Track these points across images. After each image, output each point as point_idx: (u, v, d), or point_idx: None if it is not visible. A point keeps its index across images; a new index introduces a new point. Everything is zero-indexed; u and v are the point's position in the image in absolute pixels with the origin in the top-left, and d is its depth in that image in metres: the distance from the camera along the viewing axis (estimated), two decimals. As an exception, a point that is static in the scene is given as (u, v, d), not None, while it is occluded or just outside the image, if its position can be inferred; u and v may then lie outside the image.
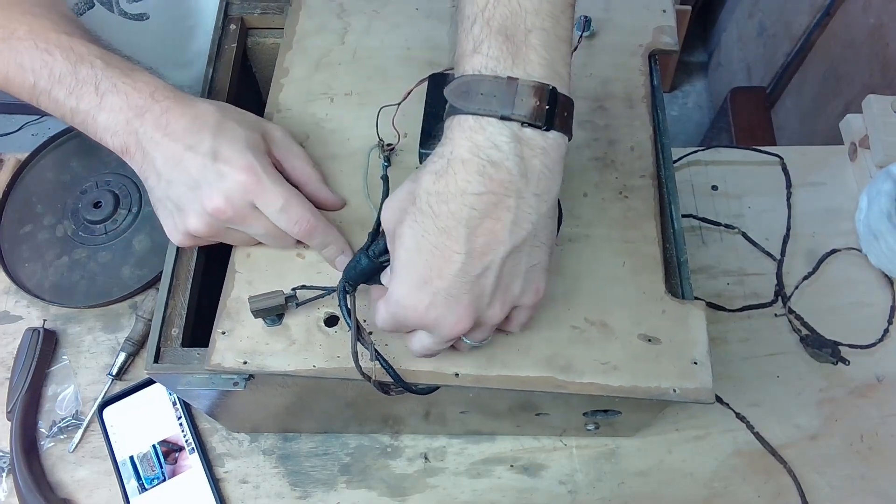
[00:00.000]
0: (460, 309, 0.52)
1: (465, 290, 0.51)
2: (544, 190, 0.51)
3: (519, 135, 0.50)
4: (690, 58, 2.68)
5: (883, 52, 1.52)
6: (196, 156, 0.61)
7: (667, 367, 0.61)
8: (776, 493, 0.86)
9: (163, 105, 0.62)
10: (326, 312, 0.63)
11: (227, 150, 0.61)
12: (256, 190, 0.61)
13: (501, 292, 0.53)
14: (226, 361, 0.62)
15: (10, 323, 0.93)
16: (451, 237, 0.50)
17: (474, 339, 0.56)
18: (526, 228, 0.51)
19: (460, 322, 0.52)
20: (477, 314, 0.53)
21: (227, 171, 0.61)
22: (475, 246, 0.50)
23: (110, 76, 0.63)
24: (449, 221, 0.50)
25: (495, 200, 0.50)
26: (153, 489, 0.84)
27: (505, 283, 0.52)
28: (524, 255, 0.52)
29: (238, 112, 0.66)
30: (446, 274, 0.51)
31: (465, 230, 0.50)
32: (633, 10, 0.81)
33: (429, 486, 0.86)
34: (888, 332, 0.95)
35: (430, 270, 0.51)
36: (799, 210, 1.03)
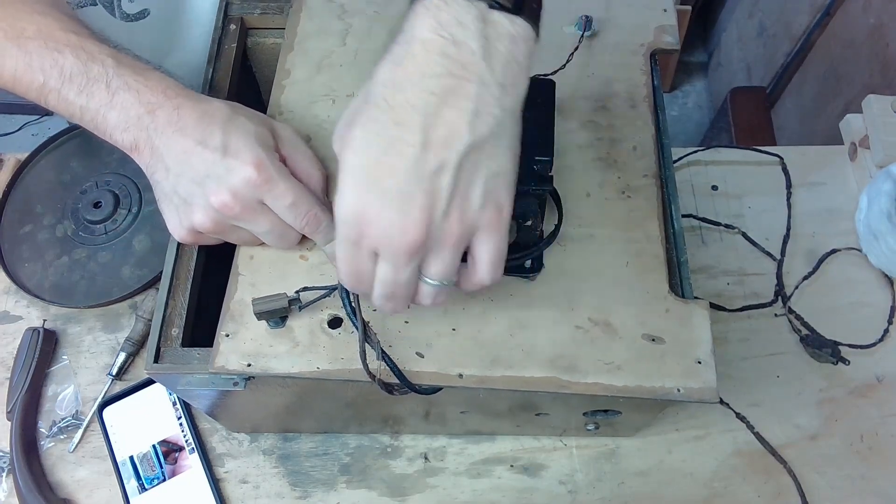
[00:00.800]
0: (413, 211, 0.47)
1: (419, 189, 0.47)
2: (510, 81, 0.48)
3: (486, 16, 0.47)
4: (690, 58, 2.68)
5: (883, 52, 1.52)
6: (205, 150, 0.60)
7: (671, 366, 0.61)
8: (776, 493, 0.86)
9: (175, 102, 0.62)
10: (330, 314, 0.63)
11: (236, 145, 0.61)
12: (266, 185, 0.60)
13: (459, 199, 0.48)
14: (230, 364, 0.61)
15: (10, 323, 0.93)
16: (405, 128, 0.46)
17: (433, 274, 0.51)
18: (488, 122, 0.47)
19: (411, 229, 0.47)
20: (431, 222, 0.48)
21: (237, 165, 0.60)
22: (432, 137, 0.46)
23: (122, 74, 0.63)
24: (404, 111, 0.47)
25: (455, 85, 0.46)
26: (153, 489, 0.84)
27: (463, 187, 0.48)
28: (485, 156, 0.48)
29: (248, 110, 0.66)
30: (398, 170, 0.47)
31: (421, 118, 0.46)
32: (633, 9, 0.81)
33: (429, 486, 0.86)
34: (888, 332, 0.95)
35: (381, 169, 0.47)
36: (799, 210, 1.03)
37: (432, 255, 0.50)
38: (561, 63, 0.74)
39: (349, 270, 0.52)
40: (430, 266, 0.51)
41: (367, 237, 0.49)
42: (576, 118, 0.74)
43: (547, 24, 0.79)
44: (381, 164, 0.47)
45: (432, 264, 0.51)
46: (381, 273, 0.51)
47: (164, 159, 0.62)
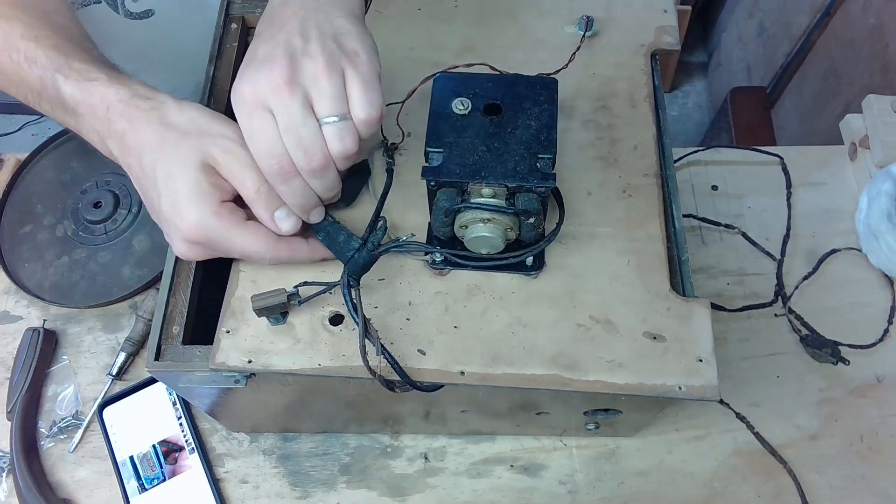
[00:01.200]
0: (276, 58, 0.56)
1: (276, 45, 0.57)
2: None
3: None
4: (690, 58, 2.69)
5: (883, 52, 1.52)
6: (154, 202, 0.62)
7: (672, 364, 0.61)
8: (776, 493, 0.86)
9: (117, 129, 0.62)
10: (331, 311, 0.63)
11: (174, 207, 0.60)
12: (207, 243, 0.62)
13: (315, 42, 0.57)
14: (230, 360, 0.61)
15: (10, 323, 0.93)
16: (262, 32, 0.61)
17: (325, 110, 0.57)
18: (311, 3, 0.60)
19: (278, 64, 0.56)
20: (293, 58, 0.57)
21: (175, 231, 0.61)
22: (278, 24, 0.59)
23: (70, 93, 0.63)
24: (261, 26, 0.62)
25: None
26: (153, 489, 0.84)
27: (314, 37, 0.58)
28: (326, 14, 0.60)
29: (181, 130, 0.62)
30: (259, 49, 0.58)
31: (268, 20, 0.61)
32: (634, 10, 0.82)
33: (429, 486, 0.86)
34: (888, 332, 0.95)
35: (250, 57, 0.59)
36: (799, 210, 1.03)
37: (313, 91, 0.57)
38: (562, 63, 0.74)
39: (257, 142, 0.58)
40: (318, 104, 0.57)
41: (250, 95, 0.57)
42: (577, 118, 0.74)
43: (548, 25, 0.80)
44: (249, 55, 0.59)
45: (318, 100, 0.57)
46: (281, 123, 0.57)
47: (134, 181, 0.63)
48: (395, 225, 0.68)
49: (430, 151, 0.61)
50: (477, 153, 0.60)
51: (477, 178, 0.59)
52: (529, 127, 0.61)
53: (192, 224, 0.60)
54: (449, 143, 0.61)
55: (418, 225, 0.68)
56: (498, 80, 0.65)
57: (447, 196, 0.60)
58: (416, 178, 0.61)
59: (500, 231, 0.61)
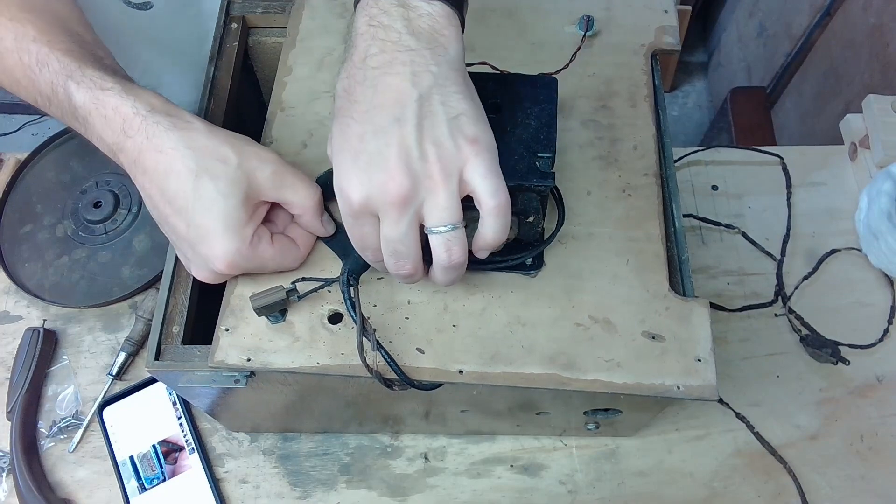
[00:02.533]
0: (389, 164, 0.51)
1: (387, 144, 0.51)
2: (438, 46, 0.54)
3: (405, 2, 0.54)
4: (690, 58, 2.69)
5: (883, 52, 1.52)
6: (178, 229, 0.60)
7: (671, 364, 0.61)
8: (776, 493, 0.86)
9: (135, 144, 0.60)
10: (330, 309, 0.63)
11: (203, 236, 0.59)
12: (238, 270, 0.62)
13: (430, 141, 0.52)
14: (229, 358, 0.61)
15: (10, 323, 0.93)
16: (360, 101, 0.53)
17: (435, 220, 0.53)
18: (427, 77, 0.52)
19: (392, 178, 0.51)
20: (409, 167, 0.51)
21: (205, 263, 0.61)
22: (383, 100, 0.52)
23: (82, 103, 0.61)
24: (357, 90, 0.53)
25: (390, 58, 0.53)
26: (153, 489, 0.84)
27: (429, 131, 0.52)
28: (437, 102, 0.52)
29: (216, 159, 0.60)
30: (365, 136, 0.52)
31: (371, 90, 0.53)
32: (634, 10, 0.82)
33: (429, 486, 0.86)
34: (888, 332, 0.95)
35: (351, 142, 0.53)
36: (799, 210, 1.03)
37: (427, 202, 0.53)
38: (563, 62, 0.74)
39: (357, 240, 0.57)
40: (430, 214, 0.53)
41: (360, 203, 0.53)
42: (577, 117, 0.74)
43: (548, 25, 0.80)
44: (350, 138, 0.53)
45: (430, 211, 0.53)
46: (383, 232, 0.54)
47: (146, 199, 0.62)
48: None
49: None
50: (476, 152, 0.60)
51: None
52: (529, 126, 0.61)
53: (227, 258, 0.60)
54: None
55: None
56: (497, 78, 0.64)
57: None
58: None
59: (500, 230, 0.61)
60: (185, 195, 0.59)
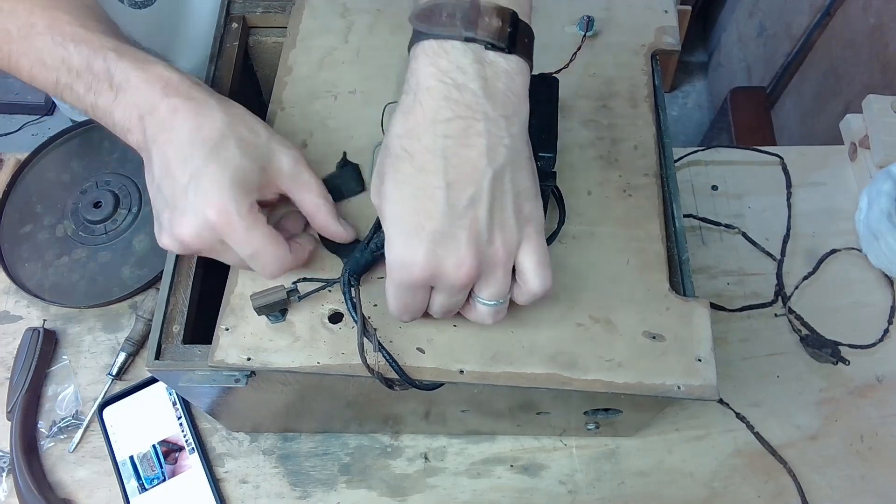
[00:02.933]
0: (460, 249, 0.50)
1: (460, 227, 0.50)
2: (512, 112, 0.51)
3: (482, 56, 0.50)
4: (690, 58, 2.69)
5: (883, 52, 1.52)
6: (182, 174, 0.58)
7: (671, 364, 0.61)
8: (776, 493, 0.86)
9: (171, 103, 0.59)
10: (330, 309, 0.63)
11: (208, 181, 0.57)
12: (226, 231, 0.58)
13: (498, 225, 0.51)
14: (229, 358, 0.61)
15: (10, 323, 0.93)
16: (430, 172, 0.50)
17: (490, 296, 0.54)
18: (502, 152, 0.50)
19: (463, 264, 0.50)
20: (479, 252, 0.51)
21: (200, 205, 0.57)
22: (456, 176, 0.50)
23: (123, 68, 0.61)
24: (424, 157, 0.50)
25: (465, 126, 0.50)
26: (153, 489, 0.84)
27: (498, 214, 0.51)
28: (507, 180, 0.51)
29: (248, 129, 0.61)
30: (435, 213, 0.50)
31: (442, 161, 0.49)
32: (635, 10, 0.82)
33: (429, 486, 0.86)
34: (888, 332, 0.95)
35: (419, 215, 0.50)
36: (799, 210, 1.03)
37: (485, 280, 0.53)
38: (563, 63, 0.74)
39: (402, 307, 0.56)
40: (485, 290, 0.54)
41: (421, 278, 0.52)
42: (577, 117, 0.74)
43: (549, 25, 0.80)
44: (418, 210, 0.50)
45: (486, 288, 0.54)
46: (437, 301, 0.55)
47: (152, 167, 0.60)
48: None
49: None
50: (477, 152, 0.60)
51: None
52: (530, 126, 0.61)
53: (220, 206, 0.56)
54: None
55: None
56: (498, 79, 0.64)
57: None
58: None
59: (500, 230, 0.61)
60: (205, 145, 0.58)
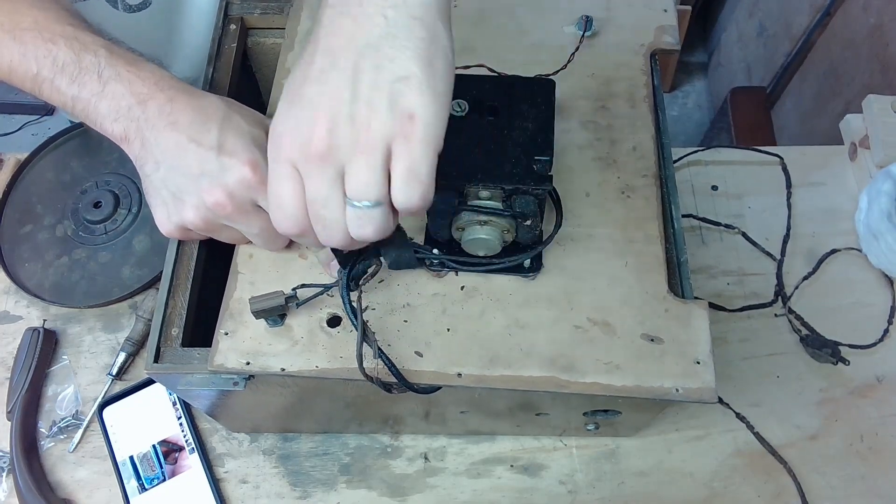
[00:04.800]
0: (317, 114, 0.48)
1: (322, 93, 0.48)
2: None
3: None
4: (690, 58, 2.68)
5: (883, 52, 1.52)
6: (200, 148, 0.60)
7: (670, 366, 0.61)
8: (776, 493, 0.86)
9: (167, 94, 0.62)
10: (329, 313, 0.63)
11: (232, 144, 0.61)
12: (261, 186, 0.60)
13: (363, 104, 0.47)
14: (228, 362, 0.62)
15: (10, 323, 0.93)
16: (311, 42, 0.50)
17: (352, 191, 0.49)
18: (379, 23, 0.47)
19: (315, 132, 0.47)
20: (334, 126, 0.47)
21: (232, 164, 0.60)
22: (329, 45, 0.48)
23: (114, 64, 0.62)
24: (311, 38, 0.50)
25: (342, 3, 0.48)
26: (153, 489, 0.84)
27: (365, 91, 0.47)
28: (385, 58, 0.47)
29: (243, 108, 0.65)
30: (307, 84, 0.49)
31: (323, 30, 0.49)
32: (634, 9, 0.82)
33: (429, 486, 0.86)
34: (888, 332, 0.95)
35: (297, 87, 0.50)
36: (799, 210, 1.03)
37: (348, 171, 0.49)
38: (561, 63, 0.74)
39: (274, 195, 0.52)
40: (349, 183, 0.49)
41: (282, 148, 0.50)
42: (576, 118, 0.74)
43: (547, 25, 0.80)
44: (296, 80, 0.50)
45: (349, 181, 0.49)
46: (307, 191, 0.51)
47: (154, 152, 0.61)
48: (394, 226, 0.67)
49: (427, 153, 0.60)
50: (474, 155, 0.60)
51: (474, 180, 0.59)
52: (526, 129, 0.61)
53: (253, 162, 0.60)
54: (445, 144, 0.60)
55: (416, 226, 0.68)
56: (495, 81, 0.64)
57: (444, 198, 0.60)
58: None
59: (498, 233, 0.61)
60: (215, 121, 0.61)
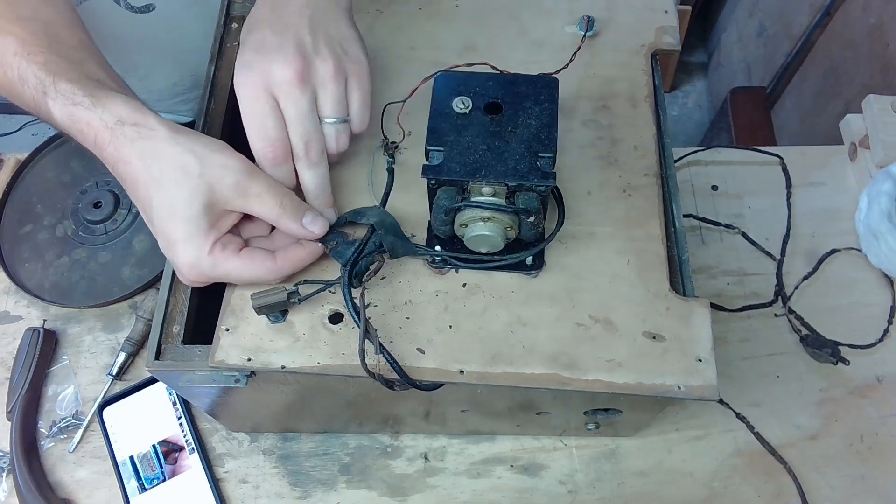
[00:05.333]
0: (290, 49, 0.60)
1: (286, 39, 0.61)
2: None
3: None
4: (690, 58, 2.69)
5: (883, 52, 1.52)
6: (151, 228, 0.62)
7: (671, 364, 0.61)
8: (776, 493, 0.86)
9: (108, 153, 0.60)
10: (331, 309, 0.63)
11: (170, 246, 0.61)
12: (201, 280, 0.63)
13: (323, 41, 0.62)
14: (229, 358, 0.61)
15: (10, 323, 0.93)
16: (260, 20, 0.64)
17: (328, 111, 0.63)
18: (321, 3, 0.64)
19: (290, 63, 0.60)
20: (305, 57, 0.61)
21: (177, 266, 0.62)
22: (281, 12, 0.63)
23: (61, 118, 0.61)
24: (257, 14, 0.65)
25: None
26: (153, 489, 0.84)
27: (322, 36, 0.62)
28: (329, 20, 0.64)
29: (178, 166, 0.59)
30: (267, 37, 0.62)
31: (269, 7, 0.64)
32: (634, 10, 0.82)
33: (429, 486, 0.86)
34: (888, 332, 0.95)
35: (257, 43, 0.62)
36: (799, 210, 1.03)
37: (321, 95, 0.62)
38: (563, 63, 0.74)
39: (260, 138, 0.62)
40: (324, 106, 0.63)
41: (261, 84, 0.60)
42: (577, 117, 0.74)
43: (548, 25, 0.80)
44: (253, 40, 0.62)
45: (324, 104, 0.63)
46: (289, 115, 0.61)
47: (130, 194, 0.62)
48: (395, 224, 0.67)
49: (430, 150, 0.61)
50: (477, 152, 0.60)
51: (477, 176, 0.59)
52: (530, 126, 0.61)
53: (188, 265, 0.61)
54: (449, 141, 0.61)
55: (418, 224, 0.68)
56: (498, 78, 0.65)
57: (447, 194, 0.60)
58: (416, 176, 0.61)
59: (500, 230, 0.61)
60: (150, 204, 0.60)
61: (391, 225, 0.65)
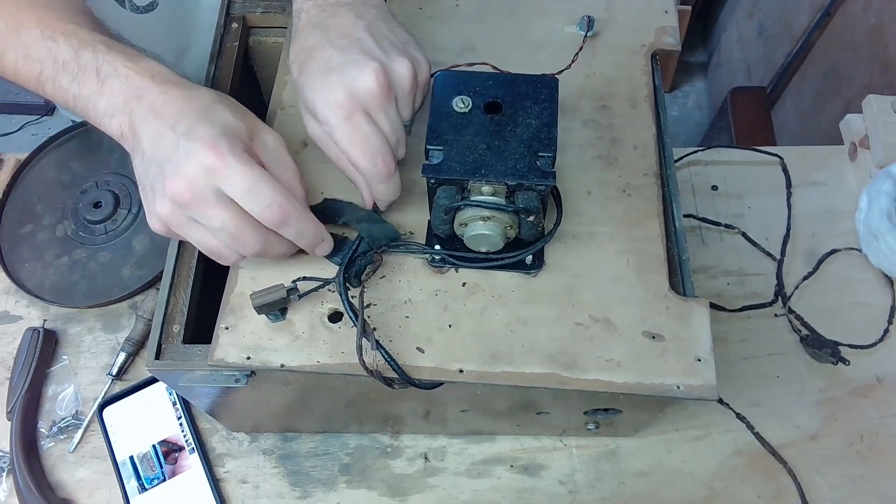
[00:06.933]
0: (363, 64, 0.60)
1: (354, 55, 0.60)
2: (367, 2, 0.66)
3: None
4: (690, 58, 2.69)
5: (883, 52, 1.52)
6: (173, 134, 0.57)
7: (671, 364, 0.61)
8: (776, 493, 0.86)
9: (161, 87, 0.60)
10: (330, 308, 0.63)
11: (200, 130, 0.57)
12: (221, 170, 0.56)
13: (388, 44, 0.62)
14: (229, 357, 0.61)
15: (10, 323, 0.93)
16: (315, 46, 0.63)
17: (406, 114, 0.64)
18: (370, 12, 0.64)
19: (370, 72, 0.59)
20: (380, 63, 0.60)
21: (195, 148, 0.56)
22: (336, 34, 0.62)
23: (111, 60, 0.62)
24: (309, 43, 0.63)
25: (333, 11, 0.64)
26: (153, 489, 0.84)
27: (383, 40, 0.62)
28: (385, 29, 0.64)
29: (236, 105, 0.62)
30: (334, 58, 0.61)
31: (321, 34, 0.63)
32: (634, 10, 0.82)
33: (429, 486, 0.86)
34: (888, 332, 0.95)
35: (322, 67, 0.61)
36: (799, 210, 1.03)
37: (401, 98, 0.62)
38: (563, 63, 0.74)
39: (364, 148, 0.61)
40: (404, 109, 0.63)
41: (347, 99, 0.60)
42: (577, 117, 0.74)
43: (548, 25, 0.80)
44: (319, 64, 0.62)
45: (404, 107, 0.63)
46: (384, 125, 0.61)
47: (142, 143, 0.59)
48: (395, 223, 0.68)
49: (430, 149, 0.61)
50: (477, 151, 0.60)
51: (477, 175, 0.59)
52: (530, 125, 0.61)
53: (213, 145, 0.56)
54: (449, 140, 0.61)
55: (418, 223, 0.68)
56: (498, 78, 0.65)
57: (447, 194, 0.60)
58: (416, 175, 0.61)
59: (500, 229, 0.61)
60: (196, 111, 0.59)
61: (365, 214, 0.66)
